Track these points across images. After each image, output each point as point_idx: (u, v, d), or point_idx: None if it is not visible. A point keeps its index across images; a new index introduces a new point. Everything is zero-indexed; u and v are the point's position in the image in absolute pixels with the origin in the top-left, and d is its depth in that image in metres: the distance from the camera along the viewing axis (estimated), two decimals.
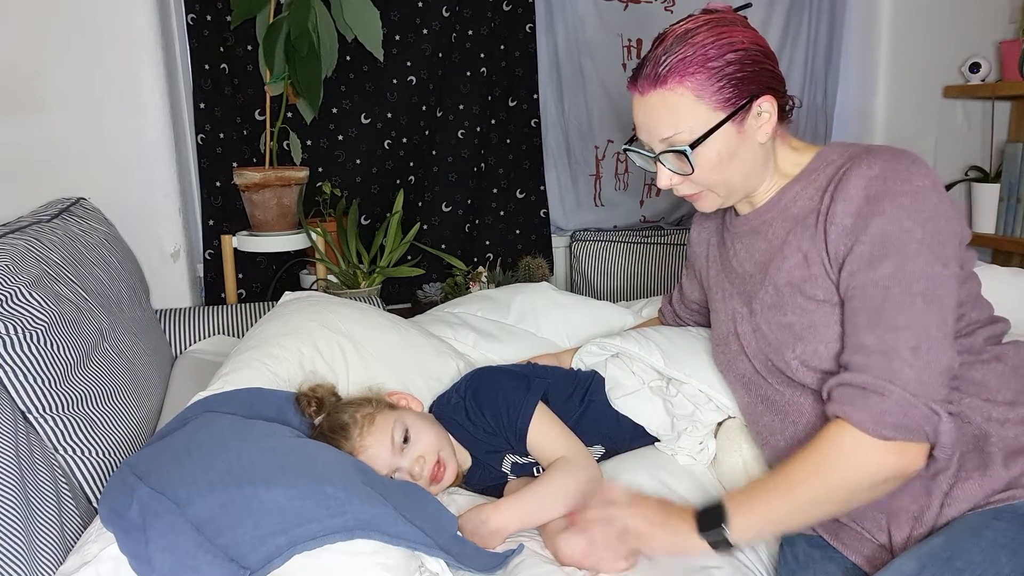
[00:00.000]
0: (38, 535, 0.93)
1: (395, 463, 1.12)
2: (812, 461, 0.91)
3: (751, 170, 1.04)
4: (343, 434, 1.11)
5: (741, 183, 1.04)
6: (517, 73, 2.52)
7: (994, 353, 0.99)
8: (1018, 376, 0.98)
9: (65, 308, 1.19)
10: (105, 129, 1.91)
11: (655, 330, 1.37)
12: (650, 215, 2.84)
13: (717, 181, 1.03)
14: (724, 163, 1.00)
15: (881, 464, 0.88)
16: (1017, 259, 2.64)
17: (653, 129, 1.01)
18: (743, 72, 0.97)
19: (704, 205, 1.08)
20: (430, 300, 2.39)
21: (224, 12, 2.12)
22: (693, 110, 0.97)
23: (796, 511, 0.92)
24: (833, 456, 0.90)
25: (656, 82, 0.98)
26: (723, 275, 1.17)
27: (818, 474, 0.90)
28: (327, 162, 2.37)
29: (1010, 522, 0.85)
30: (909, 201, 0.90)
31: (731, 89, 0.97)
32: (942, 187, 0.94)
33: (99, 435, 1.16)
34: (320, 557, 0.86)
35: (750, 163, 1.03)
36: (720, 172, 1.01)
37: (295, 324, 1.31)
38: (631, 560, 1.03)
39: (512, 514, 1.08)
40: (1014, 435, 0.93)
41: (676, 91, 0.97)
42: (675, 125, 0.98)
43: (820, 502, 0.91)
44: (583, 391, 1.29)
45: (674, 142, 0.99)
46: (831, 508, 0.93)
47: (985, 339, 0.99)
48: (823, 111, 2.80)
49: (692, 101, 0.97)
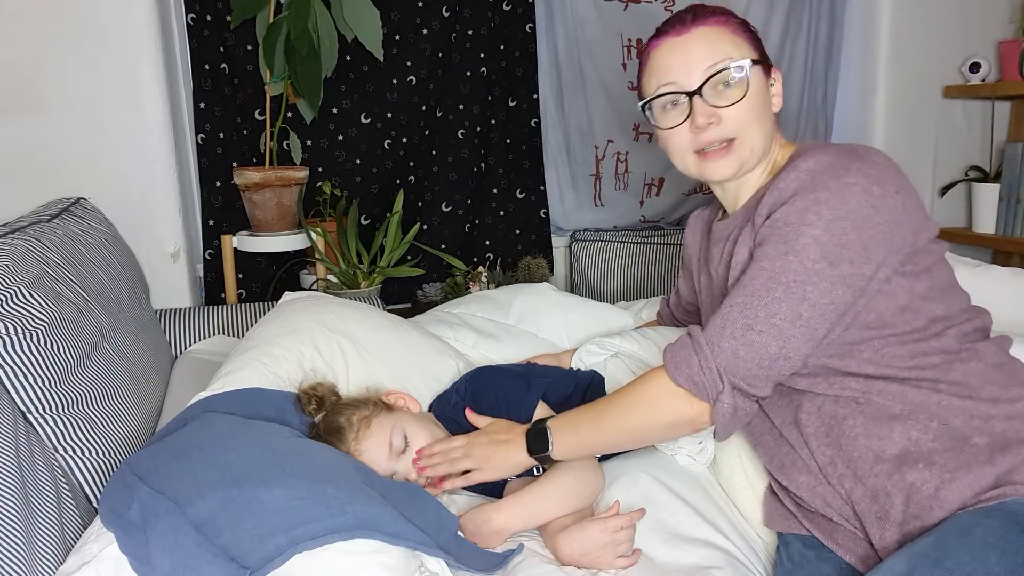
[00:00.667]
0: (38, 535, 0.93)
1: (392, 467, 1.12)
2: (624, 396, 1.04)
3: (769, 132, 1.06)
4: (338, 437, 1.11)
5: (763, 143, 1.06)
6: (517, 73, 2.52)
7: (973, 351, 0.98)
8: (1000, 372, 0.98)
9: (65, 308, 1.19)
10: (105, 129, 1.91)
11: (654, 330, 1.37)
12: (650, 215, 2.84)
13: (746, 125, 1.04)
14: (756, 106, 1.04)
15: (673, 408, 0.99)
16: (1017, 259, 2.64)
17: (695, 58, 1.03)
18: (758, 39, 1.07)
19: (726, 163, 1.06)
20: (430, 300, 2.39)
21: (224, 12, 2.12)
22: (736, 42, 1.04)
23: (604, 436, 1.07)
24: (640, 393, 1.03)
25: (697, 20, 1.04)
26: (710, 279, 1.18)
27: (625, 407, 1.04)
28: (327, 162, 2.37)
29: (1000, 521, 0.85)
30: (826, 196, 0.93)
31: (758, 42, 1.06)
32: (886, 186, 0.94)
33: (99, 435, 1.16)
34: (320, 557, 0.86)
35: (769, 124, 1.07)
36: (753, 113, 1.04)
37: (295, 324, 1.31)
38: (631, 558, 1.03)
39: (514, 514, 1.08)
40: (1000, 430, 0.93)
41: (719, 27, 1.04)
42: (727, 51, 1.02)
43: (623, 432, 1.05)
44: (583, 391, 1.30)
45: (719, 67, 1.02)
46: (630, 438, 1.09)
47: (959, 338, 0.99)
48: (823, 111, 2.80)
49: (731, 37, 1.04)
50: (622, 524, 1.04)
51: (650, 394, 1.01)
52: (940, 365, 0.97)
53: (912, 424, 0.95)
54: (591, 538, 1.03)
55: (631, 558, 1.03)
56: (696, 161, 1.07)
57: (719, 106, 1.02)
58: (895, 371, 0.97)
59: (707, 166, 1.07)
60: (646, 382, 1.03)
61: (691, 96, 1.03)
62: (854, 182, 0.93)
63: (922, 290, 0.97)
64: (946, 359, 0.97)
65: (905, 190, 0.96)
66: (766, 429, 1.08)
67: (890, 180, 0.95)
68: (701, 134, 1.04)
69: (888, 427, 0.95)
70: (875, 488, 0.95)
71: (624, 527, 1.04)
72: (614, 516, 1.05)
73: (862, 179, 0.93)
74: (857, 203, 0.92)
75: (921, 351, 0.97)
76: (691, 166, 1.09)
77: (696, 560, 1.05)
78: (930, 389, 0.96)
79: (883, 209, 0.93)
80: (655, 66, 1.07)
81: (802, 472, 1.03)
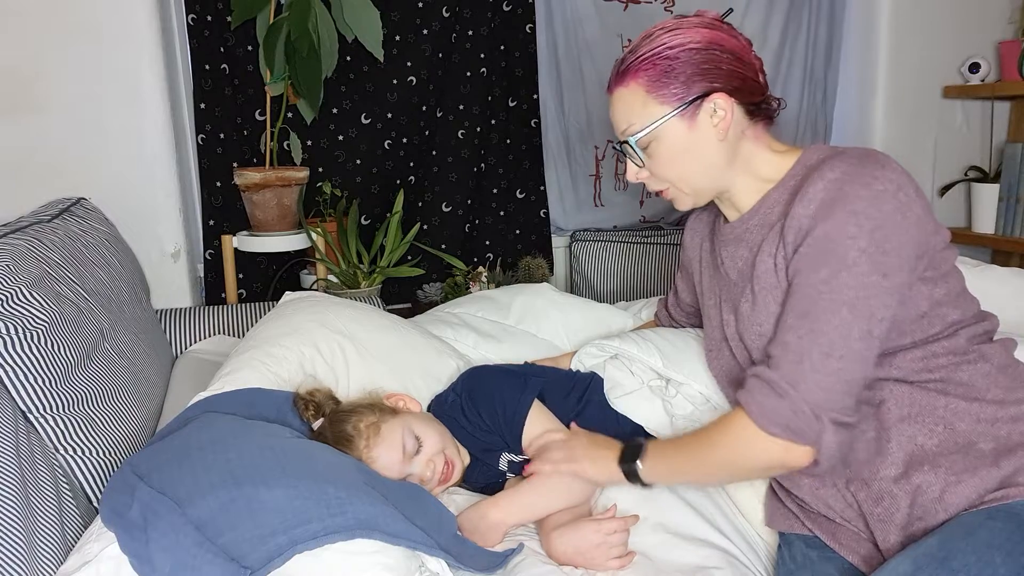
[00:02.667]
0: (38, 535, 0.93)
1: (406, 470, 1.12)
2: (712, 435, 1.01)
3: (711, 168, 1.05)
4: (348, 446, 1.11)
5: (704, 181, 1.06)
6: (517, 73, 2.52)
7: (980, 352, 0.98)
8: (1006, 375, 0.98)
9: (65, 308, 1.19)
10: (105, 129, 1.91)
11: (654, 332, 1.37)
12: (650, 215, 2.84)
13: (675, 176, 1.06)
14: (677, 158, 1.04)
15: (765, 453, 0.95)
16: (1017, 259, 2.64)
17: (616, 124, 1.07)
18: (694, 69, 1.00)
19: (678, 204, 1.11)
20: (430, 300, 2.39)
21: (224, 12, 2.12)
22: (644, 104, 1.02)
23: (693, 471, 1.06)
24: (728, 436, 0.99)
25: (617, 80, 1.05)
26: (714, 281, 1.18)
27: (713, 447, 1.00)
28: (327, 162, 2.37)
29: (1004, 522, 0.85)
30: (862, 206, 0.91)
31: (679, 85, 1.01)
32: (909, 191, 0.93)
33: (99, 435, 1.16)
34: (321, 557, 0.86)
35: (709, 160, 1.04)
36: (674, 167, 1.05)
37: (295, 324, 1.31)
38: (624, 560, 1.03)
39: (511, 508, 1.09)
40: (1005, 433, 0.93)
41: (630, 87, 1.03)
42: (628, 119, 1.04)
43: (711, 469, 1.04)
44: (581, 391, 1.29)
45: (627, 135, 1.05)
46: (720, 477, 1.10)
47: (968, 339, 0.99)
48: (823, 111, 2.80)
49: (643, 96, 1.02)
50: (616, 527, 1.05)
51: (743, 440, 0.97)
52: (948, 366, 0.97)
53: (918, 427, 0.95)
54: (585, 537, 1.04)
55: (624, 560, 1.04)
56: None
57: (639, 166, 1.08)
58: (905, 374, 0.97)
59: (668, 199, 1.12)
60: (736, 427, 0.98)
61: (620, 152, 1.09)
62: (883, 189, 0.92)
63: (940, 296, 0.97)
64: (954, 360, 0.97)
65: (921, 194, 0.96)
66: None
67: (911, 184, 0.95)
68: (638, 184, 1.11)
69: (896, 430, 0.95)
70: (880, 491, 0.95)
71: (618, 530, 1.05)
72: (609, 519, 1.06)
73: (890, 185, 0.92)
74: (890, 209, 0.91)
75: (932, 352, 0.97)
76: None
77: (696, 560, 1.05)
78: (937, 392, 0.96)
79: (910, 215, 0.92)
80: None
81: (805, 474, 1.03)
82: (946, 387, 0.96)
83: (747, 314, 1.04)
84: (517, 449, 1.20)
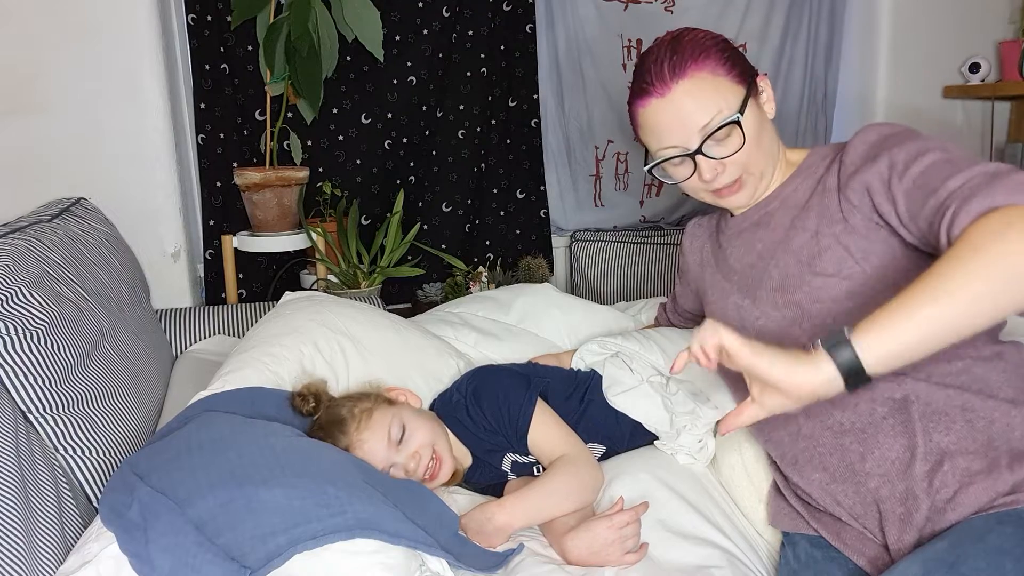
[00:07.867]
0: (38, 535, 0.93)
1: (391, 458, 1.12)
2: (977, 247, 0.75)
3: (773, 148, 1.08)
4: (340, 428, 1.11)
5: (769, 162, 1.07)
6: (517, 73, 2.52)
7: (994, 351, 0.98)
8: (1019, 375, 0.97)
9: (65, 308, 1.19)
10: (105, 129, 1.91)
11: (656, 330, 1.38)
12: (650, 215, 2.84)
13: (758, 157, 1.05)
14: (759, 137, 1.04)
15: None
16: None
17: (687, 120, 1.01)
18: (737, 54, 1.04)
19: (740, 196, 1.08)
20: (430, 300, 2.39)
21: (224, 12, 2.12)
22: (720, 88, 1.01)
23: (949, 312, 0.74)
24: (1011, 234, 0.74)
25: (675, 76, 1.01)
26: (719, 276, 1.18)
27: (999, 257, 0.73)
28: (327, 162, 2.37)
29: (1015, 527, 0.84)
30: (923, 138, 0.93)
31: (739, 64, 1.03)
32: None
33: (99, 435, 1.16)
34: (321, 556, 0.86)
35: (772, 139, 1.07)
36: (759, 146, 1.04)
37: (295, 324, 1.31)
38: (639, 554, 1.03)
39: (517, 511, 1.08)
40: (1020, 435, 0.92)
41: (698, 76, 1.01)
42: (715, 104, 1.00)
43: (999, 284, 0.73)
44: (583, 391, 1.29)
45: (713, 125, 1.01)
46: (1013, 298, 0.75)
47: (982, 337, 0.98)
48: (823, 111, 2.80)
49: (715, 80, 1.01)
50: (627, 520, 1.04)
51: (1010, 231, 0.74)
52: (966, 360, 0.96)
53: (939, 425, 0.94)
54: (598, 536, 1.03)
55: (639, 553, 1.03)
56: (712, 197, 1.10)
57: (722, 157, 1.03)
58: (927, 374, 0.96)
59: (724, 201, 1.10)
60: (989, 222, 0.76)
61: (693, 156, 1.03)
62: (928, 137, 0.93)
63: None
64: (971, 356, 0.96)
65: None
66: (780, 425, 1.07)
67: None
68: (712, 181, 1.05)
69: (919, 426, 0.94)
70: (906, 491, 0.93)
71: (630, 522, 1.04)
72: (619, 512, 1.05)
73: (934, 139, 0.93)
74: None
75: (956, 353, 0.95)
76: (708, 199, 1.11)
77: (696, 559, 1.05)
78: (957, 387, 0.94)
79: None
80: (649, 127, 1.06)
81: (817, 469, 1.01)
82: (965, 380, 0.95)
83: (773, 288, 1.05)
84: (522, 449, 1.19)
